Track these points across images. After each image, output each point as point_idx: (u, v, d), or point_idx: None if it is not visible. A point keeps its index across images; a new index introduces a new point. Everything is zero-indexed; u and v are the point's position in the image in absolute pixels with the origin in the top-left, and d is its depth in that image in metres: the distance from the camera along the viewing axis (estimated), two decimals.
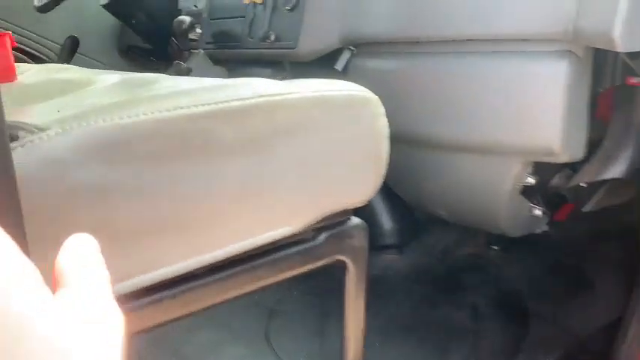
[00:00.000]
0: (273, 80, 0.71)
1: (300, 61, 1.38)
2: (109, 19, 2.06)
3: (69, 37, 2.07)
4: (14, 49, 2.04)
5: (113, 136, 0.46)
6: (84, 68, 1.49)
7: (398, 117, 1.17)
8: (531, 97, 0.96)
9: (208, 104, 0.51)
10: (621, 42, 0.83)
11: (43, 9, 1.71)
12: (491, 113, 1.01)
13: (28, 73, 1.30)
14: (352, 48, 1.29)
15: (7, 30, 2.06)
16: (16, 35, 2.05)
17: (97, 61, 2.22)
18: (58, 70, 1.37)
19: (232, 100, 0.53)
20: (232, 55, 1.60)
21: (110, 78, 0.88)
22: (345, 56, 1.31)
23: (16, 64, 1.41)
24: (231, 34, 1.58)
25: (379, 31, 1.18)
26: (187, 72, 1.52)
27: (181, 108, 0.49)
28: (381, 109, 0.69)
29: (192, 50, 1.68)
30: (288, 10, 1.38)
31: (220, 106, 0.52)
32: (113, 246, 0.49)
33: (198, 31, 1.74)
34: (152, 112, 0.48)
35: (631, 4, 0.82)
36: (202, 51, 1.66)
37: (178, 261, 0.58)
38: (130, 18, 1.90)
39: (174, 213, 0.54)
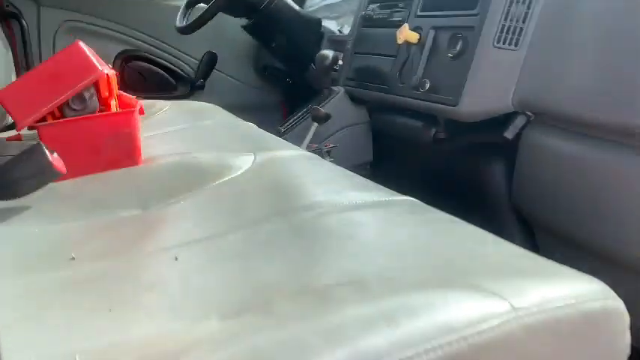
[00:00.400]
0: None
1: (460, 120, 1.16)
2: (247, 38, 1.97)
3: (207, 52, 2.02)
4: (154, 64, 2.02)
5: None
6: (220, 111, 1.39)
7: (573, 216, 0.94)
8: None
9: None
10: None
11: (185, 31, 1.64)
12: None
13: (158, 119, 1.22)
14: (529, 114, 1.06)
15: (150, 44, 2.08)
16: (156, 50, 2.05)
17: (233, 78, 2.16)
18: (195, 114, 1.28)
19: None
20: (376, 98, 1.41)
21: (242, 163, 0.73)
22: (519, 123, 1.07)
23: (149, 100, 1.35)
24: (377, 74, 1.40)
25: (573, 103, 0.94)
26: (326, 119, 1.36)
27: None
28: (625, 321, 0.45)
29: (332, 87, 1.53)
30: (450, 57, 1.16)
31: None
32: None
33: (340, 62, 1.58)
34: None
35: None
36: (343, 90, 1.50)
37: None
38: (269, 41, 1.79)
39: None
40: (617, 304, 0.42)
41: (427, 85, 1.21)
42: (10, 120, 1.21)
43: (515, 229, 1.16)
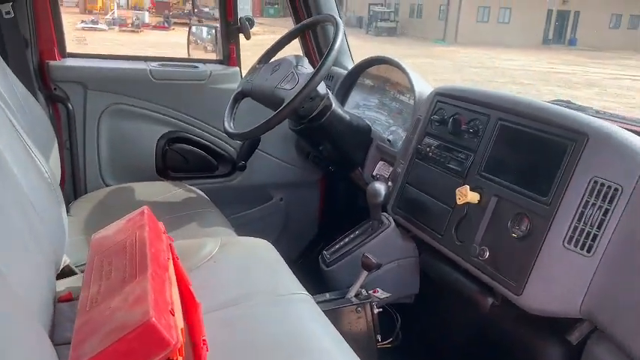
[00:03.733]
0: None
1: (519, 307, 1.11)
2: None
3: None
4: (196, 144, 2.00)
5: None
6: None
7: None
8: None
9: None
10: None
11: (239, 138, 1.60)
12: None
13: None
14: (596, 325, 1.01)
15: (192, 125, 2.04)
16: (199, 130, 2.02)
17: (275, 157, 2.13)
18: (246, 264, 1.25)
19: None
20: (428, 240, 1.37)
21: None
22: (583, 330, 1.03)
23: (191, 241, 1.32)
24: (431, 216, 1.36)
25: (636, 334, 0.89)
26: (377, 267, 1.33)
27: None
28: None
29: (382, 216, 1.49)
30: (515, 237, 1.12)
31: None
32: None
33: (390, 183, 1.54)
34: None
35: None
36: (393, 224, 1.46)
37: None
38: (317, 145, 1.75)
39: None
40: None
41: (486, 255, 1.17)
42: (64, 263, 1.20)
43: None
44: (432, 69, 14.77)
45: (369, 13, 30.67)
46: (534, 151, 1.14)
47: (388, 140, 1.68)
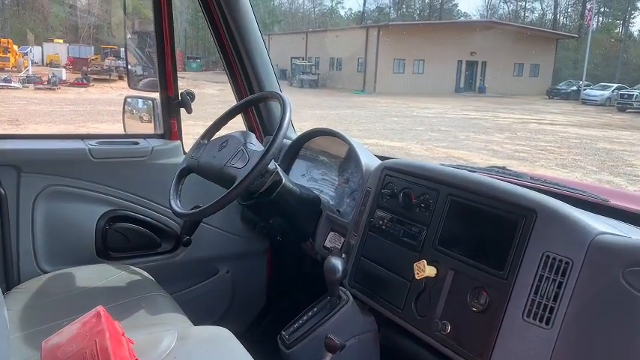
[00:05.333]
0: None
1: None
2: None
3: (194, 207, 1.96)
4: (138, 222, 1.93)
5: None
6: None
7: None
8: None
9: None
10: None
11: (187, 217, 1.57)
12: None
13: None
14: None
15: (134, 203, 1.98)
16: (141, 207, 1.96)
17: (220, 229, 2.09)
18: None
19: None
20: (388, 315, 1.38)
21: None
22: None
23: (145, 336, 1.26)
24: (389, 291, 1.38)
25: None
26: (341, 348, 1.32)
27: None
28: None
29: (340, 292, 1.49)
30: (475, 312, 1.15)
31: None
32: None
33: (343, 256, 1.55)
34: None
35: None
36: (352, 300, 1.47)
37: None
38: (267, 219, 1.75)
39: None
40: None
41: (448, 329, 1.20)
42: None
43: None
44: (355, 119, 15.28)
45: (292, 66, 31.54)
46: (487, 226, 1.20)
47: (338, 211, 1.71)
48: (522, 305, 1.08)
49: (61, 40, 30.36)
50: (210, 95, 17.33)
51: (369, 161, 1.67)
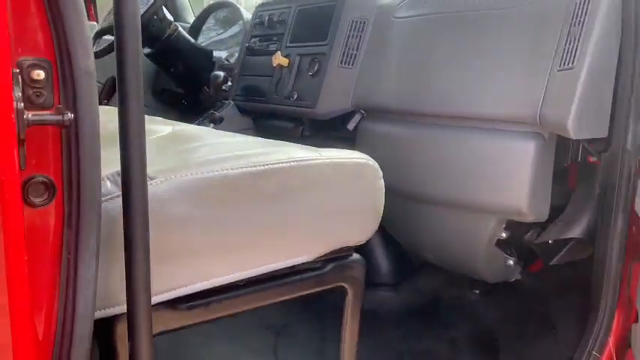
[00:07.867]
0: (300, 146, 0.94)
1: (317, 119, 1.61)
2: (147, 64, 2.30)
3: (110, 77, 2.33)
4: None
5: (196, 185, 0.68)
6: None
7: (397, 174, 1.41)
8: (505, 167, 1.18)
9: (260, 165, 0.74)
10: (574, 131, 1.05)
11: (98, 55, 1.95)
12: (473, 178, 1.24)
13: None
14: (363, 112, 1.53)
15: None
16: None
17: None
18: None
19: (275, 163, 0.76)
20: (258, 108, 1.84)
21: (165, 129, 1.11)
22: (356, 118, 1.54)
23: None
24: (258, 90, 1.83)
25: (386, 100, 1.42)
26: (220, 121, 1.76)
27: (241, 168, 0.72)
28: (379, 173, 0.92)
29: (223, 100, 1.93)
30: (310, 75, 1.62)
31: (267, 167, 0.75)
32: (176, 261, 0.69)
33: (229, 84, 1.99)
34: (222, 170, 0.70)
35: (583, 100, 1.05)
36: (232, 102, 1.91)
37: (218, 275, 0.79)
38: (169, 67, 2.15)
39: (226, 239, 0.76)
40: (375, 164, 0.87)
41: (295, 96, 1.66)
42: None
43: None
44: None
45: None
46: (317, 20, 1.67)
47: (226, 60, 2.15)
48: (338, 57, 1.55)
49: None
50: None
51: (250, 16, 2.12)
